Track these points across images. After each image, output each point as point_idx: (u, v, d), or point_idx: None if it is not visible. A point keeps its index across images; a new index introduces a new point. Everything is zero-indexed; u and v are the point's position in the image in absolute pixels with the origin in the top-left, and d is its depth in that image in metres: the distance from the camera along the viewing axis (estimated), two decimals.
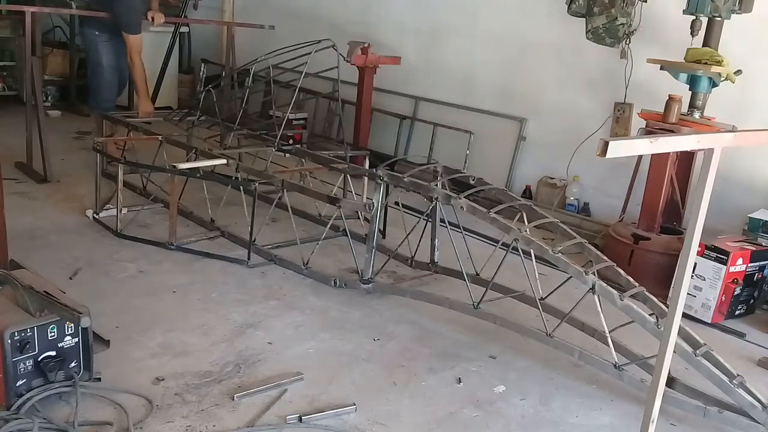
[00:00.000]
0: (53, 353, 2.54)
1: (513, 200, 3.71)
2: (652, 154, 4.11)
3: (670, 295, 2.73)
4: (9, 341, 2.42)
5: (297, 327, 3.37)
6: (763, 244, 3.98)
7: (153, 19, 5.83)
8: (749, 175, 4.46)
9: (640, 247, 4.27)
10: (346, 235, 3.91)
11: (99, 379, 2.69)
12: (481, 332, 3.47)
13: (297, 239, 4.00)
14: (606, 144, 1.71)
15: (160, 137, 4.77)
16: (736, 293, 3.83)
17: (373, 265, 3.68)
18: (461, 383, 3.00)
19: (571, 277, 3.05)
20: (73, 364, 2.60)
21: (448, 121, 6.12)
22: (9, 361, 2.43)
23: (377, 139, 6.34)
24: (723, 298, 3.81)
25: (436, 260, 4.02)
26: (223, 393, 2.75)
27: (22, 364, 2.47)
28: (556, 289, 3.30)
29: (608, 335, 2.97)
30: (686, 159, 4.37)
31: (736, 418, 2.76)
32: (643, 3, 4.73)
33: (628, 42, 4.80)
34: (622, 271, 3.19)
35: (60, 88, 7.77)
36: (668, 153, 4.09)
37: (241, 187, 4.15)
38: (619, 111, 4.97)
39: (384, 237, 4.44)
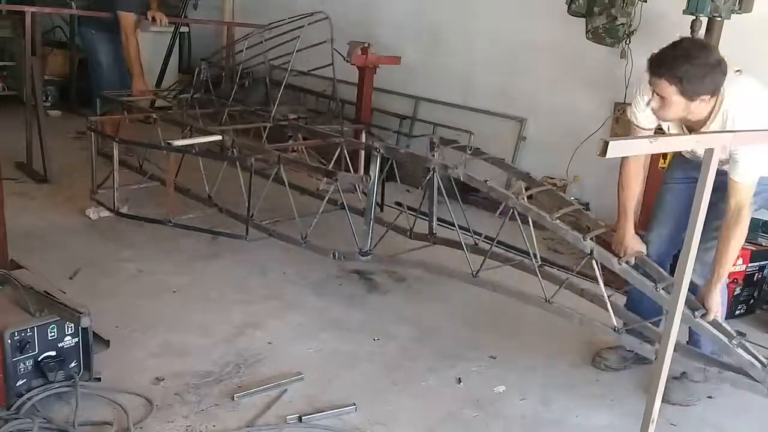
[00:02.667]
0: (53, 353, 2.54)
1: (510, 169, 3.66)
2: (652, 154, 4.10)
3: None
4: (9, 341, 2.42)
5: (297, 327, 3.37)
6: (763, 244, 3.98)
7: (154, 18, 5.80)
8: None
9: None
10: (344, 209, 3.83)
11: (99, 379, 2.69)
12: (481, 332, 3.47)
13: (295, 214, 3.87)
14: (606, 144, 1.71)
15: (154, 115, 4.72)
16: (735, 293, 3.83)
17: (372, 237, 3.60)
18: (461, 383, 3.00)
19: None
20: (73, 364, 2.61)
21: (448, 121, 6.11)
22: (9, 361, 2.43)
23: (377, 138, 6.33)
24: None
25: (434, 231, 3.94)
26: (223, 393, 2.75)
27: (22, 364, 2.47)
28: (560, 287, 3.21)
29: (607, 300, 2.91)
30: None
31: (736, 377, 2.73)
32: (643, 3, 4.73)
33: (628, 42, 4.80)
34: None
35: (60, 88, 7.76)
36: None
37: (237, 163, 4.04)
38: (619, 111, 4.97)
39: (381, 210, 4.36)
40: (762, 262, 3.91)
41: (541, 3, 5.44)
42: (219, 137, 4.22)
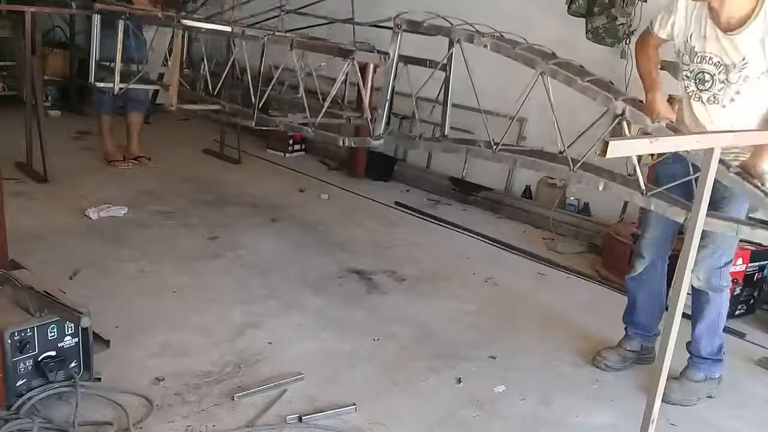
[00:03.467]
0: (53, 353, 2.54)
1: (534, 51, 3.29)
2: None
3: (670, 294, 2.72)
4: (9, 341, 2.41)
5: (297, 327, 3.37)
6: (763, 244, 3.98)
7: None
8: None
9: None
10: (359, 94, 3.65)
11: (99, 379, 2.69)
12: (481, 332, 3.47)
13: (305, 103, 3.77)
14: (606, 144, 1.71)
15: (159, 13, 4.68)
16: (735, 293, 3.83)
17: (384, 120, 3.47)
18: (461, 383, 3.00)
19: None
20: (73, 364, 2.60)
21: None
22: (9, 361, 2.43)
23: None
24: None
25: (446, 133, 3.72)
26: (223, 393, 2.75)
27: (22, 364, 2.47)
28: (576, 139, 3.08)
29: (637, 166, 2.73)
30: None
31: None
32: (643, 3, 4.73)
33: (628, 42, 4.79)
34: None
35: (60, 88, 7.76)
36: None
37: (246, 60, 3.92)
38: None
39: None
40: (762, 262, 3.91)
41: (540, 3, 5.44)
42: (228, 28, 4.12)
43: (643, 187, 2.74)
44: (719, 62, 2.74)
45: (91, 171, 5.51)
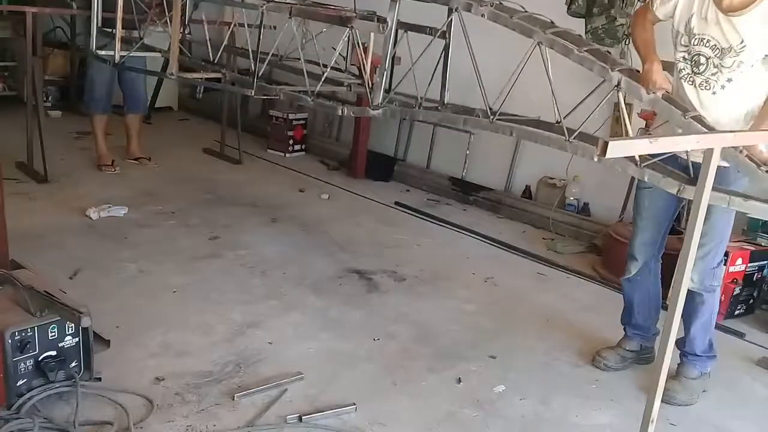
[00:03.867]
0: (54, 353, 2.54)
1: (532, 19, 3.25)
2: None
3: (669, 294, 2.73)
4: (9, 341, 2.42)
5: (297, 327, 3.37)
6: (763, 244, 3.99)
7: (154, 20, 5.75)
8: None
9: None
10: (360, 71, 3.54)
11: (99, 379, 2.70)
12: (481, 332, 3.47)
13: (304, 72, 3.69)
14: (606, 144, 1.71)
15: None
16: (735, 293, 3.84)
17: (383, 90, 3.41)
18: (461, 383, 3.00)
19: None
20: (73, 364, 2.61)
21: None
22: (9, 361, 2.44)
23: (377, 139, 6.34)
24: (722, 298, 3.80)
25: (446, 101, 3.64)
26: (223, 393, 2.75)
27: (22, 364, 2.48)
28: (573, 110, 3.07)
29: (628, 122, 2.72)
30: None
31: (762, 205, 2.53)
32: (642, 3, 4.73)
33: (627, 42, 4.79)
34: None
35: (60, 89, 7.77)
36: None
37: (246, 28, 3.83)
38: (618, 111, 4.97)
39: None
40: (762, 262, 3.91)
41: (540, 3, 5.42)
42: None
43: (638, 158, 2.69)
44: (716, 45, 2.74)
45: (92, 171, 5.51)
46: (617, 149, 1.74)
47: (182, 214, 4.72)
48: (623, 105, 2.81)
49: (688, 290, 2.90)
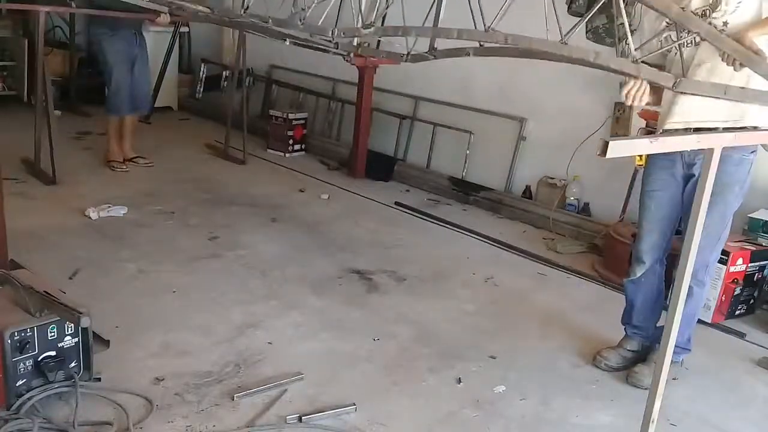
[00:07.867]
0: (53, 353, 2.54)
1: None
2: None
3: (669, 295, 2.72)
4: (9, 341, 2.42)
5: (297, 327, 3.37)
6: (763, 244, 3.98)
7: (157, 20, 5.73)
8: None
9: None
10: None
11: (99, 379, 2.69)
12: (481, 332, 3.47)
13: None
14: (606, 144, 1.71)
15: None
16: (736, 293, 3.83)
17: (377, 12, 3.31)
18: (461, 383, 3.00)
19: None
20: (73, 364, 2.61)
21: (448, 121, 6.11)
22: (9, 361, 2.43)
23: (377, 138, 6.34)
24: (723, 298, 3.81)
25: (435, 45, 3.55)
26: (223, 393, 2.75)
27: (22, 364, 2.48)
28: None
29: (628, 32, 2.53)
30: None
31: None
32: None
33: (627, 42, 4.79)
34: None
35: (60, 88, 7.76)
36: None
37: None
38: (619, 111, 4.97)
39: None
40: (762, 262, 3.91)
41: (540, 3, 5.43)
42: None
43: (634, 53, 2.54)
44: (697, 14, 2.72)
45: (92, 171, 5.51)
46: (617, 149, 1.74)
47: (182, 214, 4.72)
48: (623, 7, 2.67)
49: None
